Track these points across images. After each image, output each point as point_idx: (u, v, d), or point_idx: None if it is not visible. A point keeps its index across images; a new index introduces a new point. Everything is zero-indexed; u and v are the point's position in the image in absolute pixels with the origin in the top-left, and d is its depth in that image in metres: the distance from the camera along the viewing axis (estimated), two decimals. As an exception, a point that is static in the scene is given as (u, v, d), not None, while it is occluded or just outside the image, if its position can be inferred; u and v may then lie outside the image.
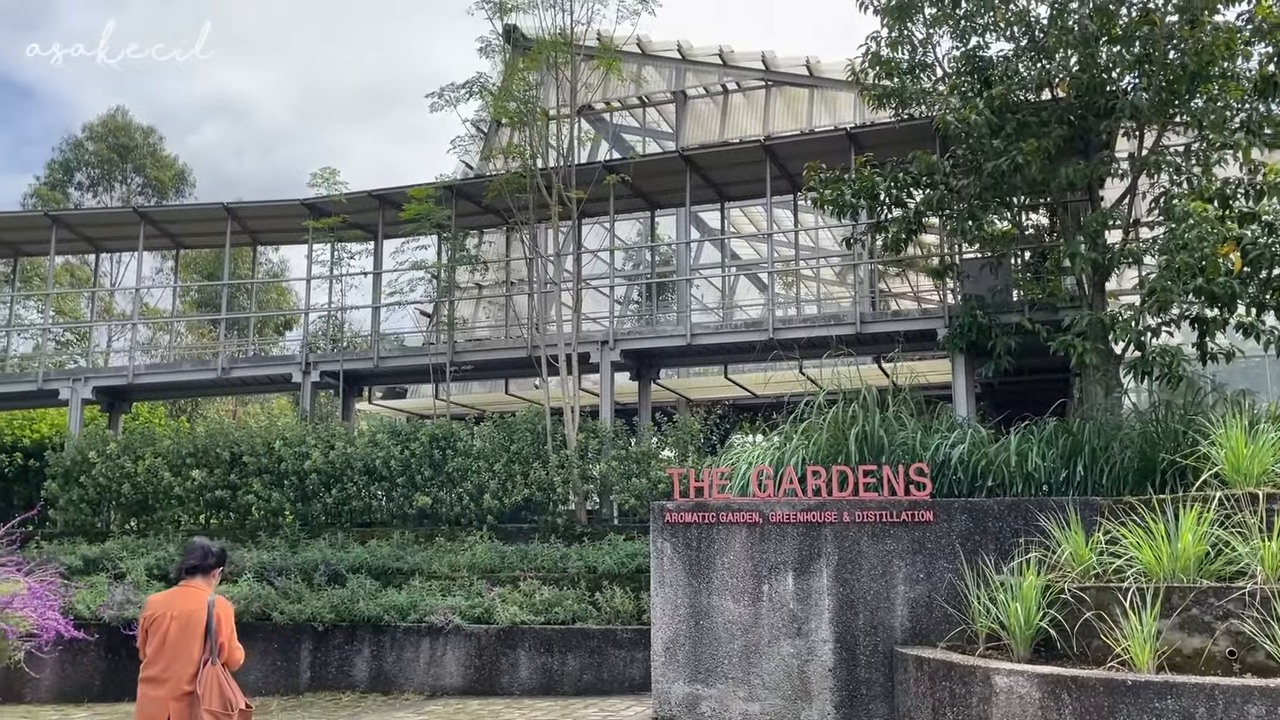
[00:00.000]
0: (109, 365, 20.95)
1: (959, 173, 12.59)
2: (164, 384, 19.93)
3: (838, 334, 15.69)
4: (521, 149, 16.76)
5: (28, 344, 24.28)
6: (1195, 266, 10.72)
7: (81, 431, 17.99)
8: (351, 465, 15.72)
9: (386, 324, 19.92)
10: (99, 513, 16.22)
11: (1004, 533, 9.20)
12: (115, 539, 15.36)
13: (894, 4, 12.95)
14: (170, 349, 22.91)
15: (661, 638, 10.17)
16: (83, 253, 22.20)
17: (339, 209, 18.63)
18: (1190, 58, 11.28)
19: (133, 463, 16.19)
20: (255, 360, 20.03)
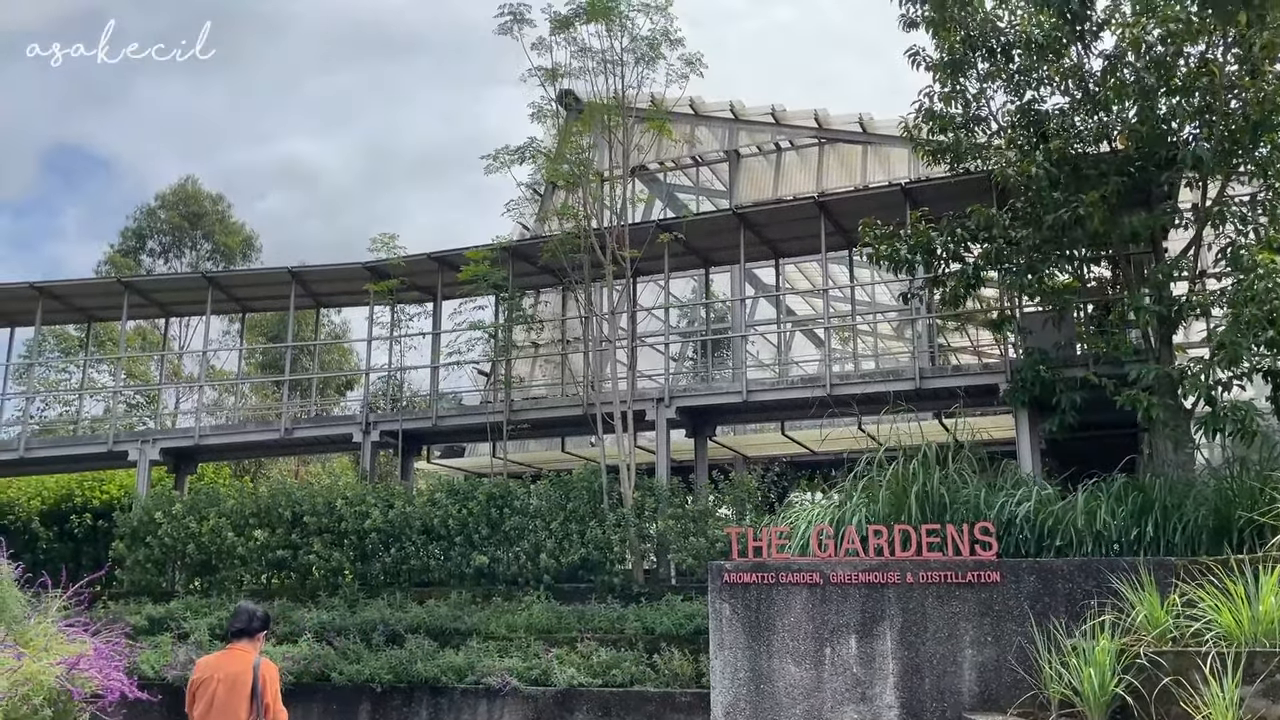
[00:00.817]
0: (176, 427, 21.38)
1: (1018, 226, 12.53)
2: (228, 444, 20.29)
3: (896, 389, 15.58)
4: (575, 210, 16.97)
5: (99, 406, 24.86)
6: (1265, 319, 10.54)
7: (149, 492, 18.31)
8: (410, 524, 15.81)
9: (445, 383, 20.13)
10: (164, 573, 16.47)
11: (1074, 594, 9.02)
12: (180, 599, 15.58)
13: (946, 59, 13.03)
14: (235, 410, 23.35)
15: (722, 701, 10.09)
16: (153, 317, 22.81)
17: (398, 271, 18.94)
18: (1252, 107, 11.18)
19: (197, 523, 16.45)
20: (317, 421, 20.34)
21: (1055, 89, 12.82)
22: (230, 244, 32.29)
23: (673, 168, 22.93)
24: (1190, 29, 11.56)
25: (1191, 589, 8.05)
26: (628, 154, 17.63)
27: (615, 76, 16.45)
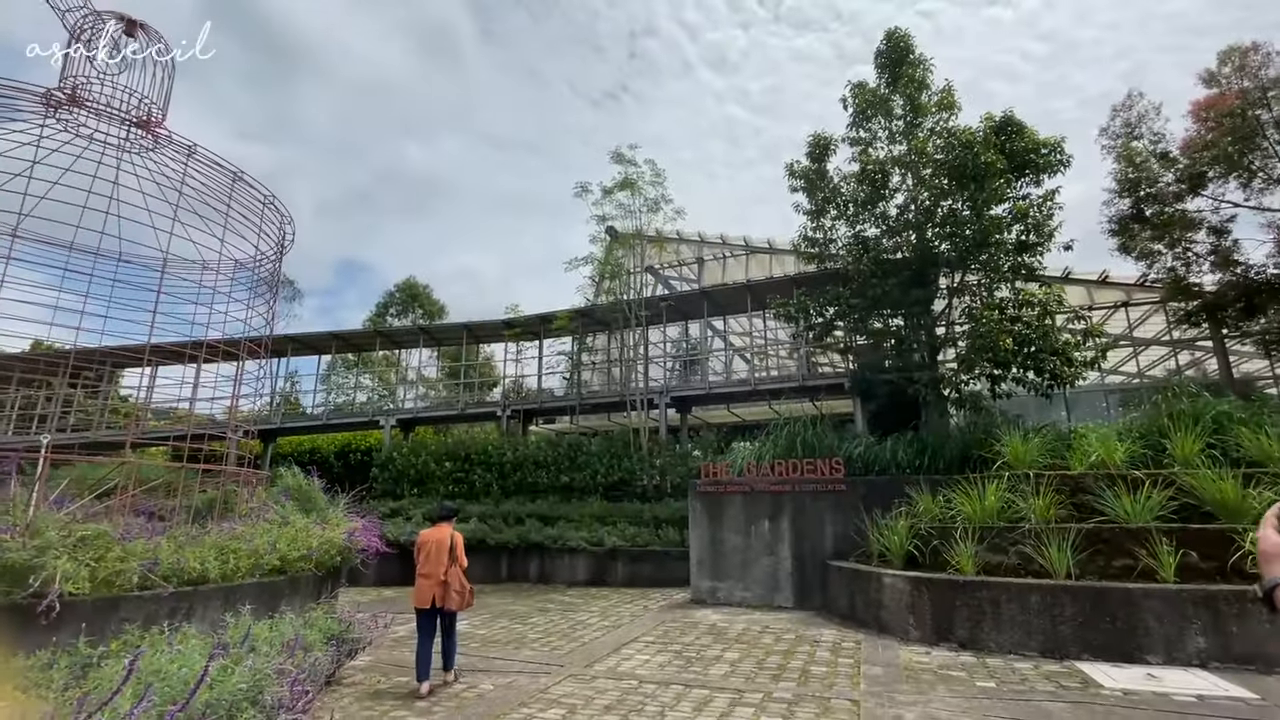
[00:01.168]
0: (404, 406, 21.52)
1: (853, 298, 12.57)
2: (431, 417, 20.43)
3: (789, 386, 15.60)
4: (613, 290, 17.14)
5: (364, 396, 25.08)
6: (987, 347, 10.54)
7: (390, 442, 18.49)
8: (527, 459, 15.93)
9: (545, 383, 20.28)
10: (398, 485, 16.60)
11: (886, 496, 9.08)
12: (406, 499, 15.74)
13: (813, 209, 13.10)
14: (434, 398, 23.49)
15: (695, 556, 10.17)
16: (391, 349, 22.99)
17: (519, 324, 19.12)
18: (976, 234, 11.20)
19: (415, 458, 16.63)
20: (478, 404, 20.41)
21: (872, 225, 12.87)
22: (432, 310, 32.48)
23: (667, 266, 23.04)
24: (944, 193, 11.63)
25: (949, 493, 8.08)
26: (643, 260, 17.79)
27: (636, 219, 16.65)
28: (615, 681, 5.55)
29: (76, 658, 3.92)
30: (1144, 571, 6.14)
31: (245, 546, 6.03)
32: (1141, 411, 9.64)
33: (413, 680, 5.53)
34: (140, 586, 4.92)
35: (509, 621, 8.69)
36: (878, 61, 13.28)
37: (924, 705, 4.74)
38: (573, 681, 5.59)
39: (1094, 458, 7.75)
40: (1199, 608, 5.67)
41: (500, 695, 5.22)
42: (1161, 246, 13.92)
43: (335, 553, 7.10)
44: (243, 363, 8.22)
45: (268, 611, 5.73)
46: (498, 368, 25.83)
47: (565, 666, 6.10)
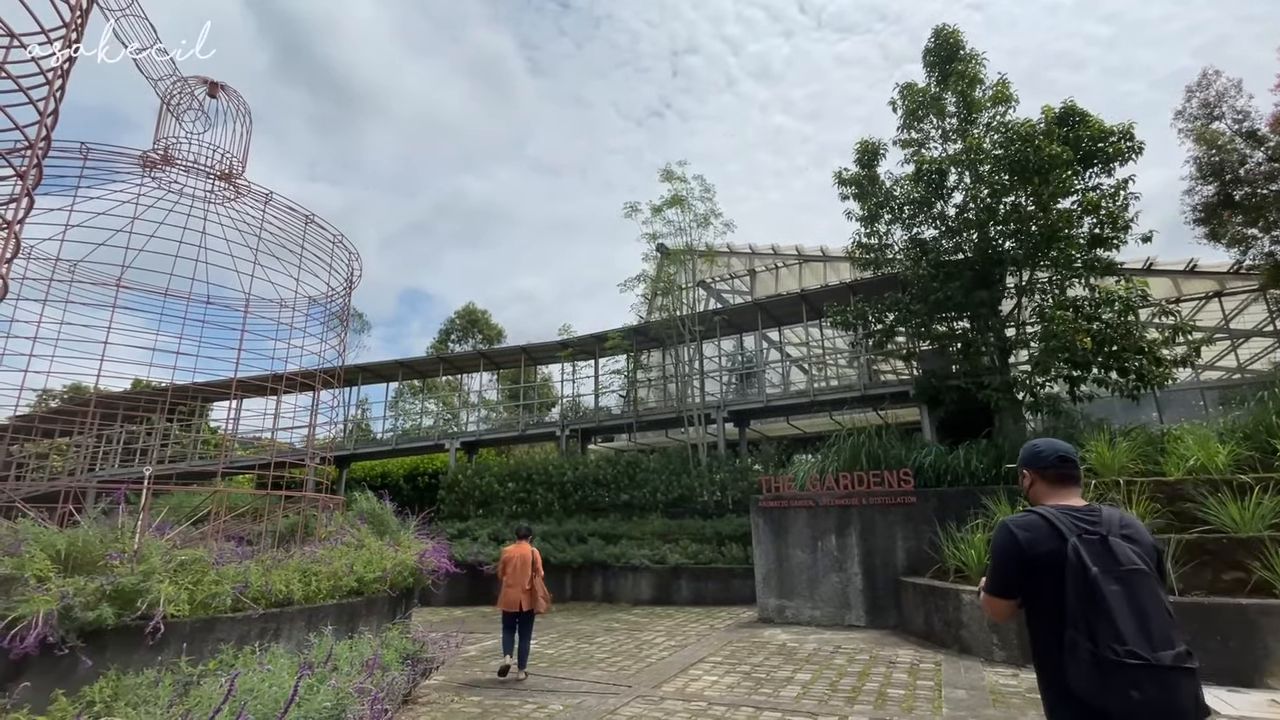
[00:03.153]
0: (467, 430, 22.12)
1: (913, 303, 12.18)
2: (494, 439, 20.90)
3: (851, 396, 15.18)
4: (666, 307, 17.18)
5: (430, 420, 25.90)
6: (1062, 347, 9.98)
7: (455, 465, 19.01)
8: (587, 477, 16.05)
9: (602, 401, 20.46)
10: (464, 506, 16.98)
11: (960, 508, 8.67)
12: (472, 520, 16.09)
13: (866, 214, 12.84)
14: (496, 420, 24.05)
15: (760, 573, 9.97)
16: (454, 374, 23.75)
17: (574, 344, 19.42)
18: (1044, 229, 10.69)
19: (480, 480, 17.03)
20: (538, 424, 20.74)
21: (929, 226, 12.49)
22: (491, 334, 33.38)
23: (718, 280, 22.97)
24: (1005, 189, 11.16)
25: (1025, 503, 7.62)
26: (694, 275, 17.79)
27: (686, 235, 16.70)
28: (684, 703, 5.48)
29: (179, 676, 4.18)
30: (1259, 585, 5.61)
31: (325, 569, 6.30)
32: (1245, 410, 8.86)
33: (484, 700, 5.68)
34: (233, 609, 5.22)
35: (575, 641, 8.72)
36: (926, 60, 12.97)
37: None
38: (641, 703, 5.54)
39: (1192, 462, 7.16)
40: (1328, 626, 5.12)
41: (569, 716, 5.23)
42: (1256, 230, 12.89)
43: (408, 574, 7.31)
44: (318, 393, 8.68)
45: (347, 632, 5.97)
46: (555, 388, 26.32)
47: (633, 687, 6.07)
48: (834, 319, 13.88)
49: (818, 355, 18.90)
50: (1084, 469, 7.88)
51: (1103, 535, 1.88)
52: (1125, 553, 1.83)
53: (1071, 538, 1.88)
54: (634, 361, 19.74)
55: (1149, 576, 1.81)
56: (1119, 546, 1.84)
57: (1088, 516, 1.94)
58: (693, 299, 17.61)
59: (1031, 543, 1.94)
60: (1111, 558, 1.82)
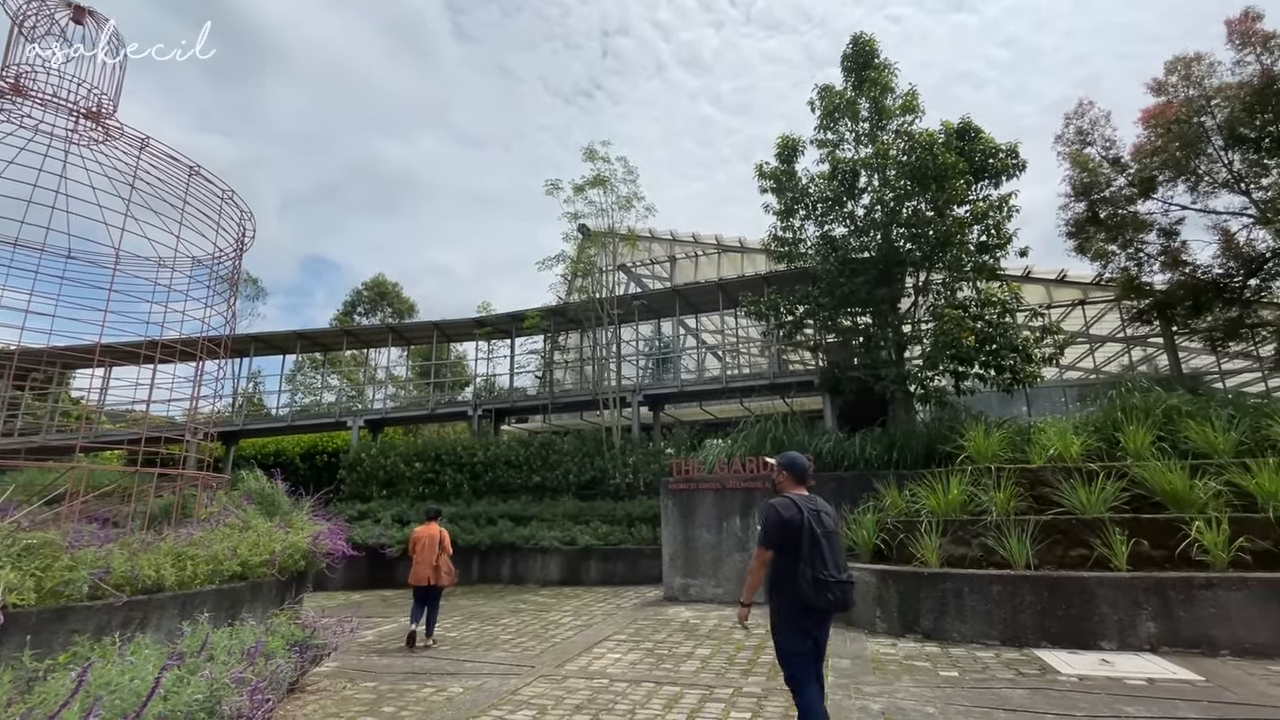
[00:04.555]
0: (373, 407, 21.07)
1: (821, 296, 12.74)
2: (401, 417, 20.03)
3: (760, 384, 15.74)
4: (586, 289, 17.07)
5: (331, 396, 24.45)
6: (950, 344, 10.78)
7: (358, 444, 18.13)
8: (499, 459, 15.77)
9: (518, 382, 20.10)
10: (367, 487, 16.24)
11: (854, 491, 9.21)
12: (375, 501, 15.44)
13: (783, 209, 13.25)
14: (404, 398, 23.00)
15: (667, 553, 10.18)
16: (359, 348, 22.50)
17: (491, 323, 18.95)
18: (939, 234, 11.45)
19: (385, 460, 16.33)
20: (448, 404, 20.09)
21: (840, 224, 13.06)
22: (401, 308, 31.76)
23: (639, 265, 23.04)
24: (908, 194, 11.84)
25: (914, 487, 8.24)
26: (615, 258, 17.75)
27: (608, 217, 16.61)
28: (587, 681, 5.53)
29: (21, 672, 3.74)
30: (1098, 560, 6.35)
31: (204, 552, 5.83)
32: (1097, 406, 9.96)
33: (379, 685, 5.49)
34: (91, 596, 4.72)
35: (480, 624, 8.58)
36: (844, 65, 13.48)
37: (889, 696, 4.82)
38: (544, 682, 5.54)
39: (1052, 451, 7.98)
40: (1149, 594, 5.88)
41: (469, 698, 5.15)
42: (1115, 247, 14.42)
43: (299, 557, 6.91)
44: (201, 363, 7.96)
45: (228, 619, 5.56)
46: (469, 367, 25.57)
47: (536, 667, 6.05)
48: (748, 309, 14.30)
49: (732, 343, 19.42)
50: (963, 457, 8.60)
51: (818, 512, 3.52)
52: (827, 521, 3.52)
53: (806, 513, 3.46)
54: (551, 342, 19.51)
55: (837, 535, 3.56)
56: (825, 518, 3.52)
57: (811, 502, 3.59)
58: (612, 282, 17.57)
59: (787, 515, 3.47)
60: (822, 524, 3.47)
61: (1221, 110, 13.22)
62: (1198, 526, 6.17)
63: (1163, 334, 15.55)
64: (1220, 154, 13.45)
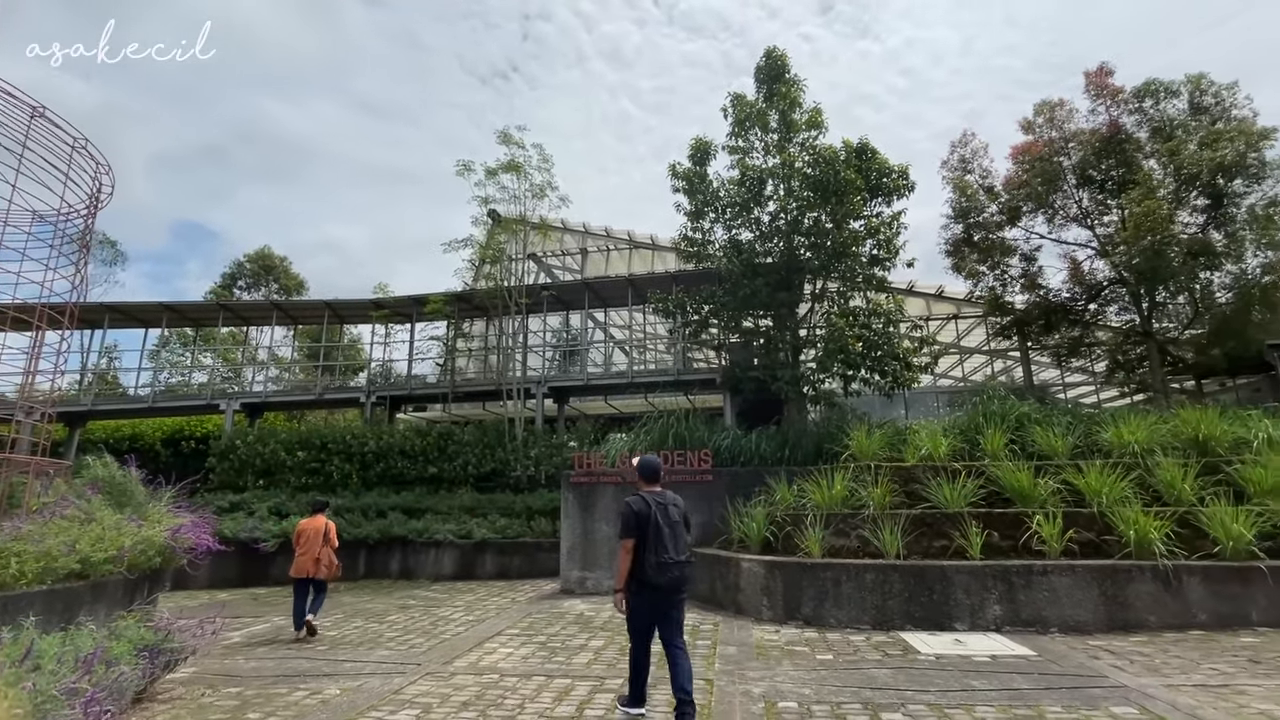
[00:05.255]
0: (252, 390, 19.40)
1: (726, 297, 13.11)
2: (283, 402, 18.62)
3: (665, 380, 16.02)
4: (494, 276, 16.62)
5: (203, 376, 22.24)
6: (839, 349, 11.46)
7: (232, 429, 16.67)
8: (393, 449, 15.04)
9: (417, 368, 19.26)
10: (241, 476, 14.99)
11: (748, 485, 9.54)
12: (250, 492, 14.27)
13: (694, 210, 13.50)
14: (289, 381, 21.29)
15: (565, 546, 10.14)
16: (239, 325, 20.64)
17: (390, 305, 18.02)
18: (836, 245, 12.13)
19: (262, 446, 15.12)
20: (339, 389, 18.88)
21: (746, 229, 13.48)
22: (289, 285, 29.38)
23: (551, 255, 22.72)
24: (810, 205, 12.43)
25: (802, 482, 8.69)
26: (525, 247, 17.39)
27: (520, 204, 16.22)
28: (475, 677, 5.40)
29: None
30: (957, 550, 7.01)
31: (33, 548, 5.13)
32: (963, 411, 10.97)
33: (245, 691, 5.07)
34: (-121, 600, 4.02)
35: (364, 621, 8.15)
36: (757, 76, 13.95)
37: (770, 680, 5.07)
38: (430, 680, 5.35)
39: (924, 451, 8.70)
40: (996, 580, 6.57)
41: (347, 700, 4.87)
42: (985, 268, 15.94)
43: (154, 553, 6.24)
44: (40, 333, 6.98)
45: (61, 622, 4.92)
46: (364, 351, 24.16)
47: (422, 665, 5.83)
48: (656, 306, 14.49)
49: (639, 339, 19.62)
50: (847, 455, 9.19)
51: (665, 506, 4.33)
52: (671, 514, 4.33)
53: (654, 507, 4.29)
54: (455, 329, 18.83)
55: (680, 525, 4.35)
56: (671, 510, 4.35)
57: (660, 497, 4.40)
58: (522, 271, 17.21)
59: (639, 510, 4.29)
60: (667, 516, 4.30)
61: (1076, 152, 14.96)
62: (1038, 520, 6.96)
63: (1020, 348, 17.40)
64: (1073, 191, 15.22)
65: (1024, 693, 4.60)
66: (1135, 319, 14.98)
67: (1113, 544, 6.79)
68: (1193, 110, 14.34)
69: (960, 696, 4.55)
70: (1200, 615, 6.28)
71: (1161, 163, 14.15)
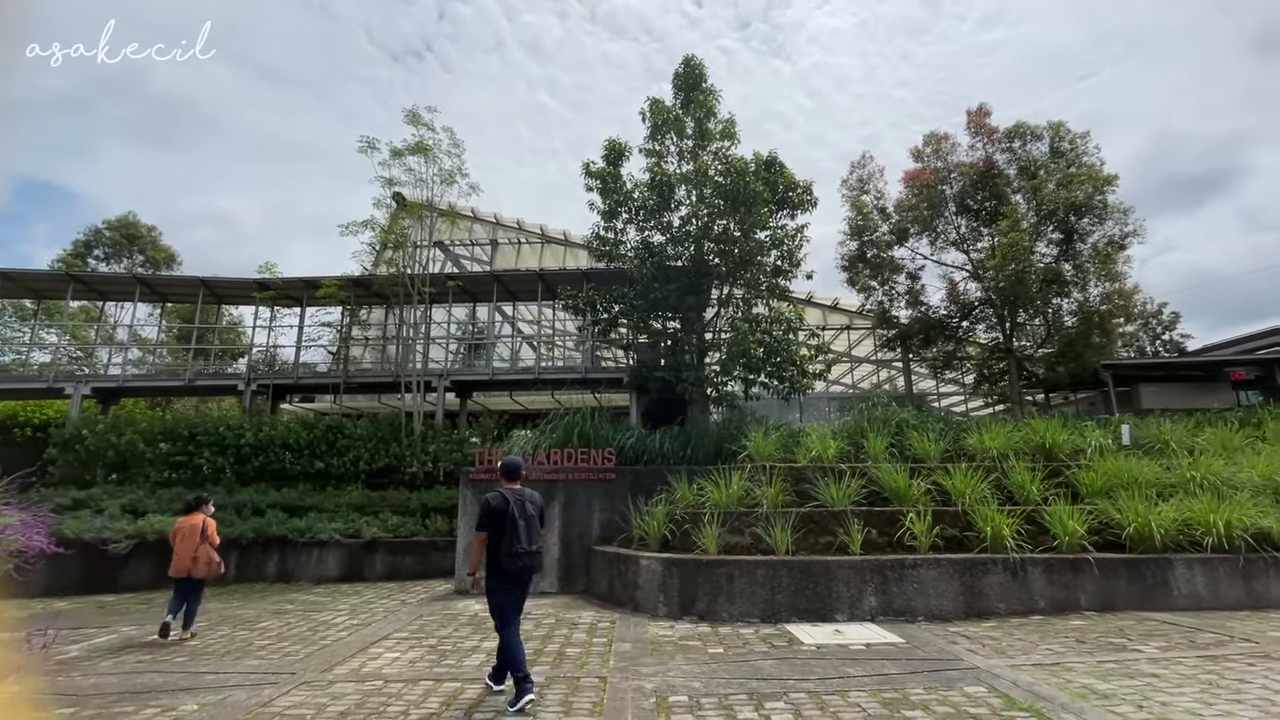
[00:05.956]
0: (107, 373, 17.28)
1: (636, 298, 13.22)
2: (145, 387, 16.75)
3: (573, 378, 15.92)
4: (396, 262, 15.78)
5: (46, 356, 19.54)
6: (742, 354, 11.89)
7: (80, 416, 14.78)
8: (274, 441, 13.92)
9: (307, 356, 17.92)
10: (89, 469, 13.32)
11: (650, 484, 9.63)
12: (100, 487, 12.70)
13: (607, 210, 13.51)
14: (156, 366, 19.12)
15: (461, 544, 9.84)
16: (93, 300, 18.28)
17: (277, 286, 16.68)
18: (743, 253, 12.57)
19: (116, 437, 13.51)
20: (214, 375, 17.23)
21: (658, 232, 13.66)
22: (158, 258, 26.45)
23: (459, 244, 21.95)
24: (720, 213, 12.80)
25: (703, 481, 8.92)
26: (432, 234, 16.64)
27: (428, 189, 15.51)
28: (357, 684, 5.10)
29: None
30: (840, 546, 7.47)
31: None
32: (851, 416, 11.70)
33: (80, 711, 4.53)
34: None
35: (231, 629, 7.49)
36: (675, 83, 14.18)
37: (663, 675, 5.16)
38: (305, 690, 5.00)
39: (814, 453, 9.20)
40: (873, 574, 7.07)
41: (207, 715, 4.45)
42: (875, 284, 17.11)
43: (-29, 557, 5.41)
44: None
45: None
46: (245, 335, 22.20)
47: (298, 674, 5.44)
48: (567, 302, 14.36)
49: (548, 335, 19.39)
50: (745, 455, 9.54)
51: (522, 502, 4.79)
52: (528, 509, 4.80)
53: (512, 503, 4.74)
54: (351, 316, 17.73)
55: (535, 519, 4.83)
56: (527, 506, 4.81)
57: (519, 494, 4.86)
58: (428, 259, 16.49)
59: (496, 505, 4.74)
60: (523, 510, 4.76)
61: (957, 182, 16.39)
62: (911, 517, 7.56)
63: (903, 360, 18.83)
64: (953, 218, 16.67)
65: (892, 677, 4.98)
66: (999, 337, 16.65)
67: (973, 539, 7.50)
68: (1053, 153, 16.15)
69: (837, 683, 4.85)
70: (1041, 602, 7.07)
71: (1026, 198, 15.82)
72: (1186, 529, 7.41)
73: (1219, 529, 7.25)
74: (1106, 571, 7.14)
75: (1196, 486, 8.27)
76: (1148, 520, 7.40)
